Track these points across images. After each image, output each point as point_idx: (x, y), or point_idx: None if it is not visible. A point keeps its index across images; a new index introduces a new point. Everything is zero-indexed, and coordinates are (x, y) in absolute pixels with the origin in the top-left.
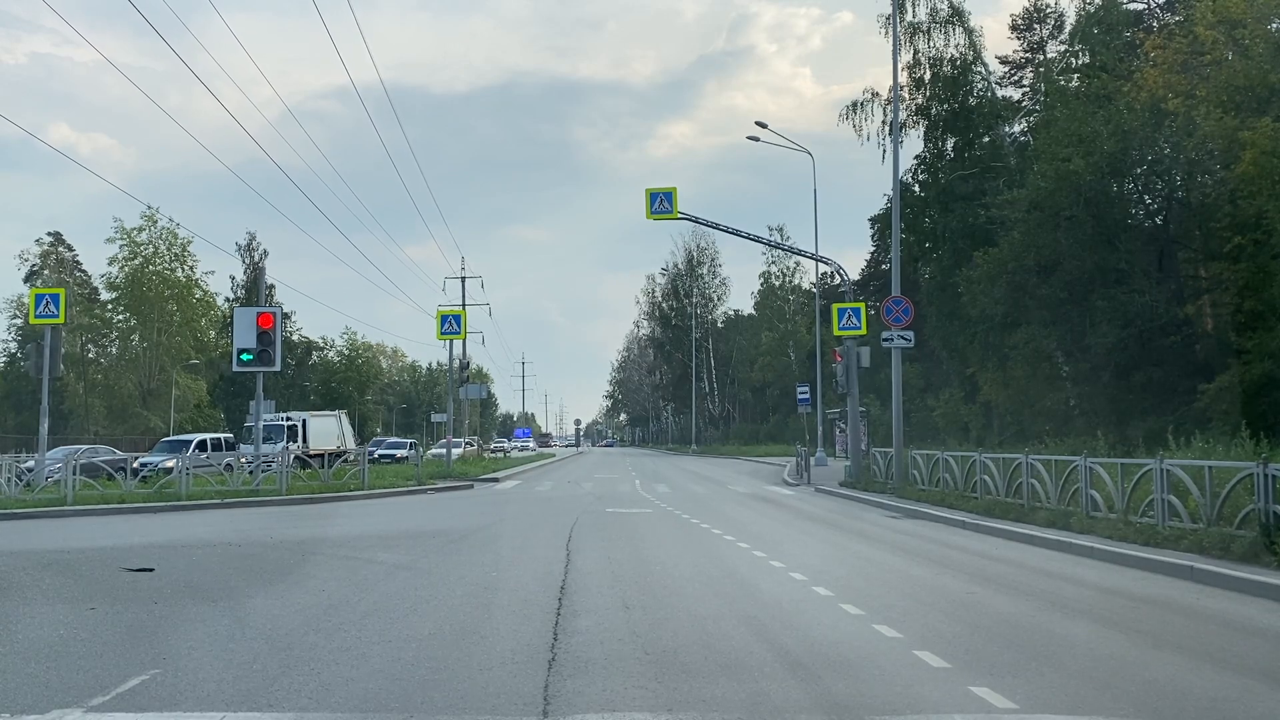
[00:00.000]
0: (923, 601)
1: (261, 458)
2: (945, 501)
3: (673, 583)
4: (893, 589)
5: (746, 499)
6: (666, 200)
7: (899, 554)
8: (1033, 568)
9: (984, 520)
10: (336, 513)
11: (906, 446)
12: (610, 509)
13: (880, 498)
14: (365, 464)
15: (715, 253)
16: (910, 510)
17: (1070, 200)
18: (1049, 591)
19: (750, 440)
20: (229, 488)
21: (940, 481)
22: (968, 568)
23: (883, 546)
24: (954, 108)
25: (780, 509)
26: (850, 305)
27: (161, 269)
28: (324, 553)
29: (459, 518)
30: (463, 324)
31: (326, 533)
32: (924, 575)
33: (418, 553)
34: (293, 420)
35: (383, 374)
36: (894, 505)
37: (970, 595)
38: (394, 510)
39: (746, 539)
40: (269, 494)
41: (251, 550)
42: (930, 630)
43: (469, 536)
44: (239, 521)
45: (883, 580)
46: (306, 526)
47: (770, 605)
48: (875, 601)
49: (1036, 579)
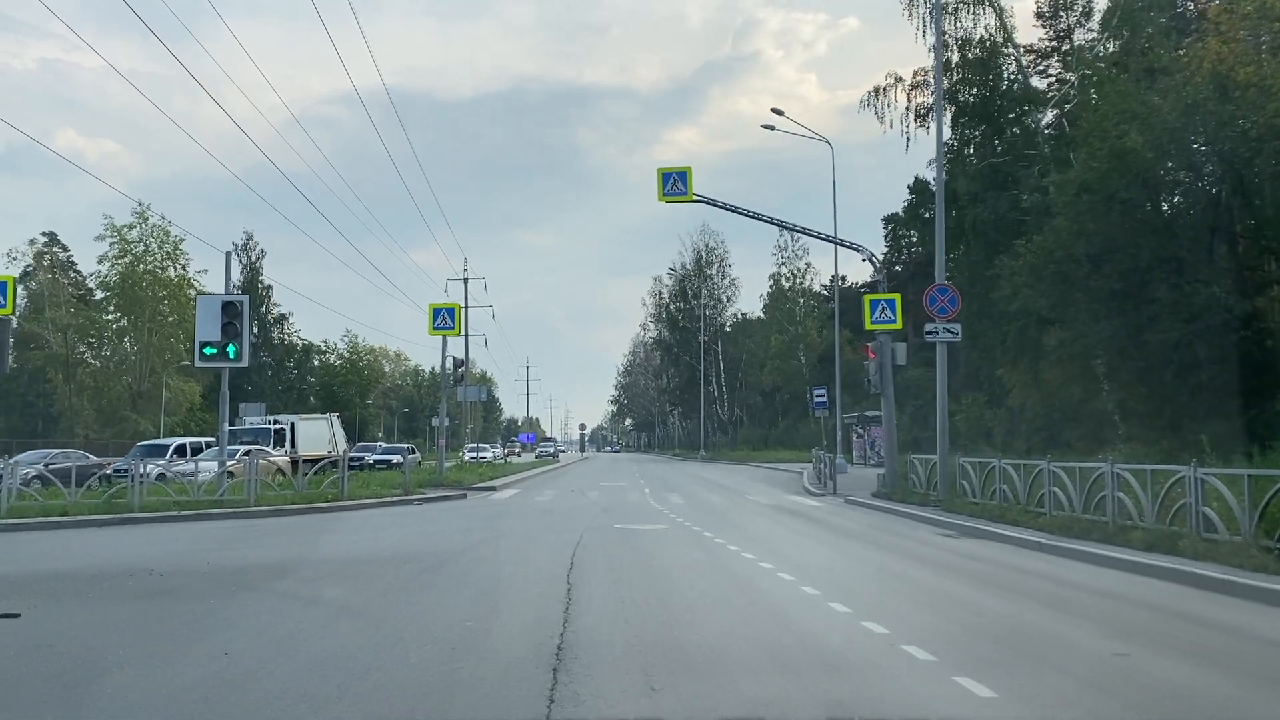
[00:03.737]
0: (1073, 675)
1: (226, 464)
2: (1005, 517)
3: (712, 641)
4: (1013, 648)
5: (771, 512)
6: (680, 181)
7: (989, 590)
8: (1174, 612)
9: (1062, 541)
10: (302, 529)
11: (924, 452)
12: (619, 524)
13: (923, 511)
14: (345, 472)
15: (724, 253)
16: (966, 527)
17: (1126, 182)
18: (1230, 653)
19: (759, 445)
20: (190, 498)
21: (996, 494)
22: (1091, 612)
23: (960, 578)
24: (983, 92)
25: (813, 525)
26: (884, 297)
27: (153, 268)
28: (259, 587)
29: (442, 536)
30: (457, 319)
31: (276, 555)
32: (1041, 624)
33: (377, 588)
34: (280, 424)
35: (385, 378)
36: (944, 521)
37: (1124, 661)
38: (369, 526)
39: (788, 567)
40: (235, 505)
41: (171, 583)
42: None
43: (448, 564)
44: (185, 539)
45: (991, 634)
46: (258, 547)
47: (853, 678)
48: (1005, 674)
49: (1193, 631)
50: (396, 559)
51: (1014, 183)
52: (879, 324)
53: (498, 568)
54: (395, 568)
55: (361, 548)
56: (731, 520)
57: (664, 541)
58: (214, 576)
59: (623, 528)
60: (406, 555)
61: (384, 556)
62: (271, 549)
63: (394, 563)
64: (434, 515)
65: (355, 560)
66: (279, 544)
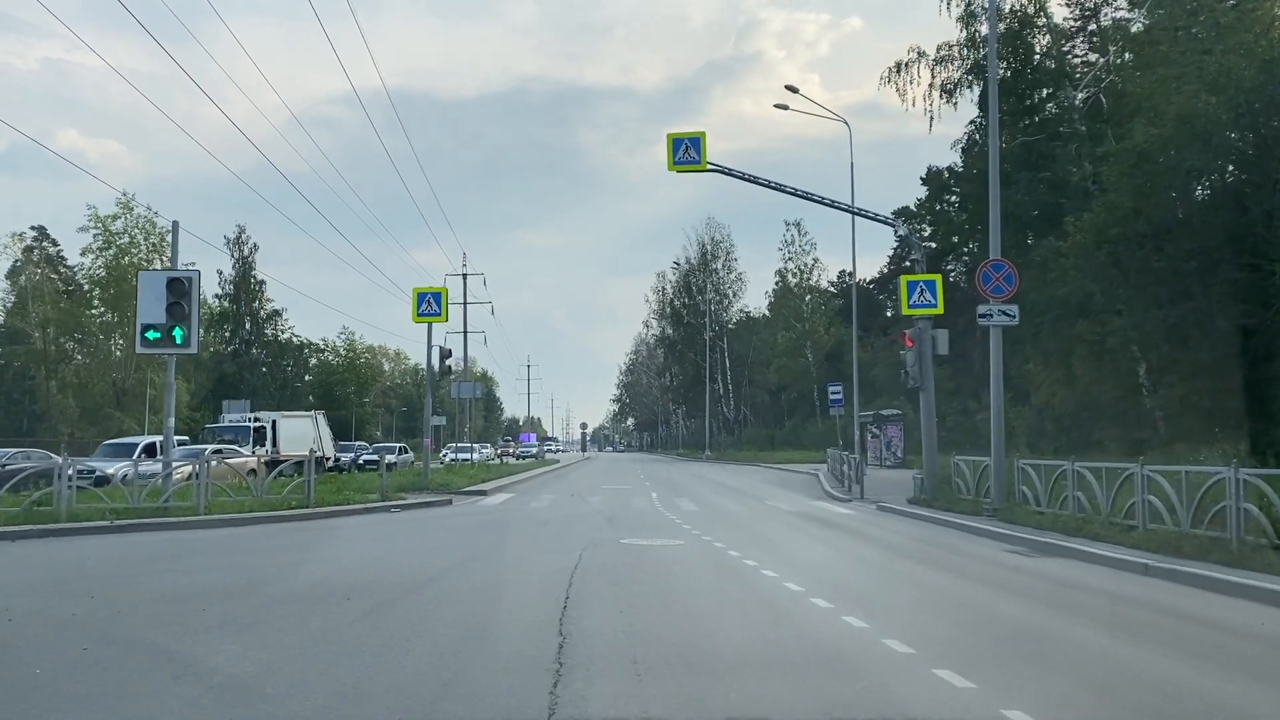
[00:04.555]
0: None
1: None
2: (1085, 531)
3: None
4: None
5: (798, 521)
6: (693, 148)
7: (1130, 639)
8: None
9: (1173, 562)
10: (246, 544)
11: (945, 454)
12: (625, 539)
13: (975, 521)
14: (311, 475)
15: (730, 246)
16: (1038, 543)
17: (1196, 151)
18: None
19: (764, 446)
20: (131, 505)
21: (1068, 502)
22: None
23: (1077, 618)
24: (1014, 66)
25: (855, 539)
26: (923, 278)
27: (138, 260)
28: (126, 640)
29: (408, 557)
30: (444, 304)
31: (186, 585)
32: (1239, 698)
33: (293, 642)
34: (261, 421)
35: (385, 376)
36: (1007, 534)
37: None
38: (327, 541)
39: (850, 605)
40: (181, 514)
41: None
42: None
43: (402, 601)
44: (95, 558)
45: None
46: (174, 571)
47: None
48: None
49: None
50: (340, 592)
51: (1049, 162)
52: (917, 308)
53: (467, 609)
54: (331, 608)
55: (304, 573)
56: (757, 533)
57: (684, 565)
58: (80, 622)
59: (631, 544)
60: (355, 586)
61: (325, 587)
62: (188, 575)
63: (334, 598)
64: (408, 527)
65: (285, 594)
66: (204, 566)
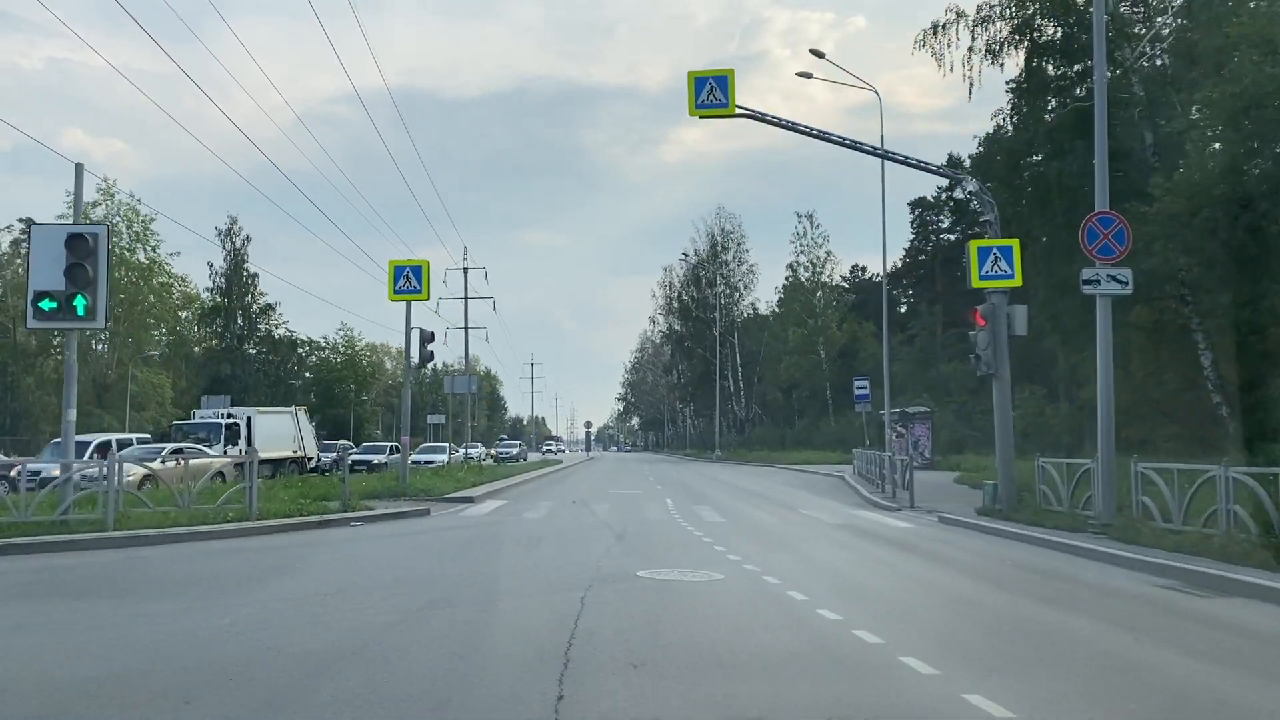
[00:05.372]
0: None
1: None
2: (1253, 558)
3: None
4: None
5: (853, 540)
6: (720, 88)
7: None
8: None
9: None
10: (131, 577)
11: (981, 455)
12: (644, 569)
13: (1083, 540)
14: (253, 481)
15: (742, 237)
16: (1191, 574)
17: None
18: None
19: (775, 445)
20: (14, 519)
21: (1219, 518)
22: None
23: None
24: (1064, 27)
25: (941, 567)
26: (997, 243)
27: (120, 251)
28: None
29: (335, 603)
30: (424, 280)
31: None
32: None
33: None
34: (235, 418)
35: (387, 375)
36: (1136, 559)
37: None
38: (241, 573)
39: (1017, 697)
40: (85, 530)
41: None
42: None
43: (281, 703)
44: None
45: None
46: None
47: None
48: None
49: None
50: (180, 688)
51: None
52: (991, 279)
53: None
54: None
55: (145, 639)
56: (810, 559)
57: (733, 617)
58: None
59: (652, 578)
60: (217, 668)
61: (165, 674)
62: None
63: (162, 703)
64: (363, 550)
65: (72, 694)
66: (25, 619)
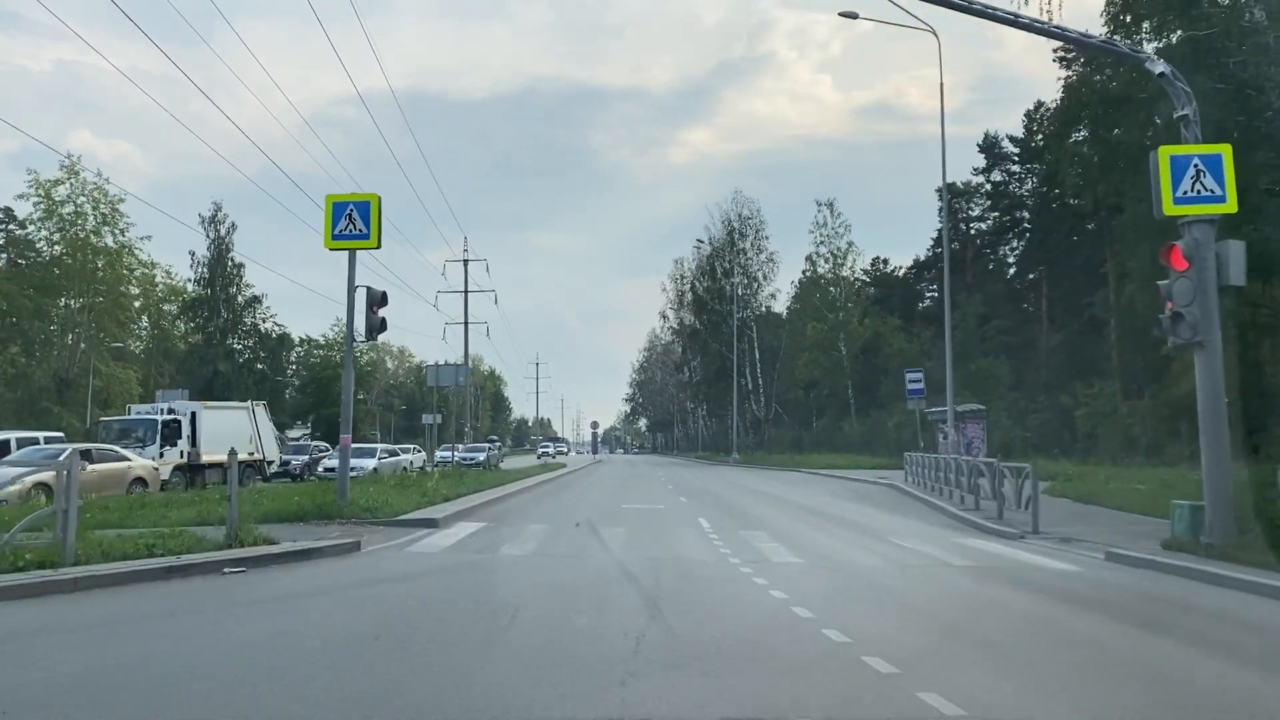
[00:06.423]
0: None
1: None
2: None
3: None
4: None
5: (1021, 597)
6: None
7: None
8: None
9: None
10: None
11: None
12: (726, 713)
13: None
14: (72, 506)
15: (760, 224)
16: None
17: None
18: None
19: (792, 448)
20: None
21: None
22: None
23: None
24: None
25: (1242, 668)
26: (1199, 151)
27: (86, 234)
28: None
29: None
30: (374, 221)
31: None
32: None
33: None
34: (176, 413)
35: (387, 374)
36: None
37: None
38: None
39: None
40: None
41: None
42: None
43: None
44: None
45: None
46: None
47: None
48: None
49: None
50: None
51: (1225, 65)
52: (1190, 203)
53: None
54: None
55: None
56: (1008, 658)
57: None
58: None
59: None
60: None
61: None
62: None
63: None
64: (179, 644)
65: None
66: None
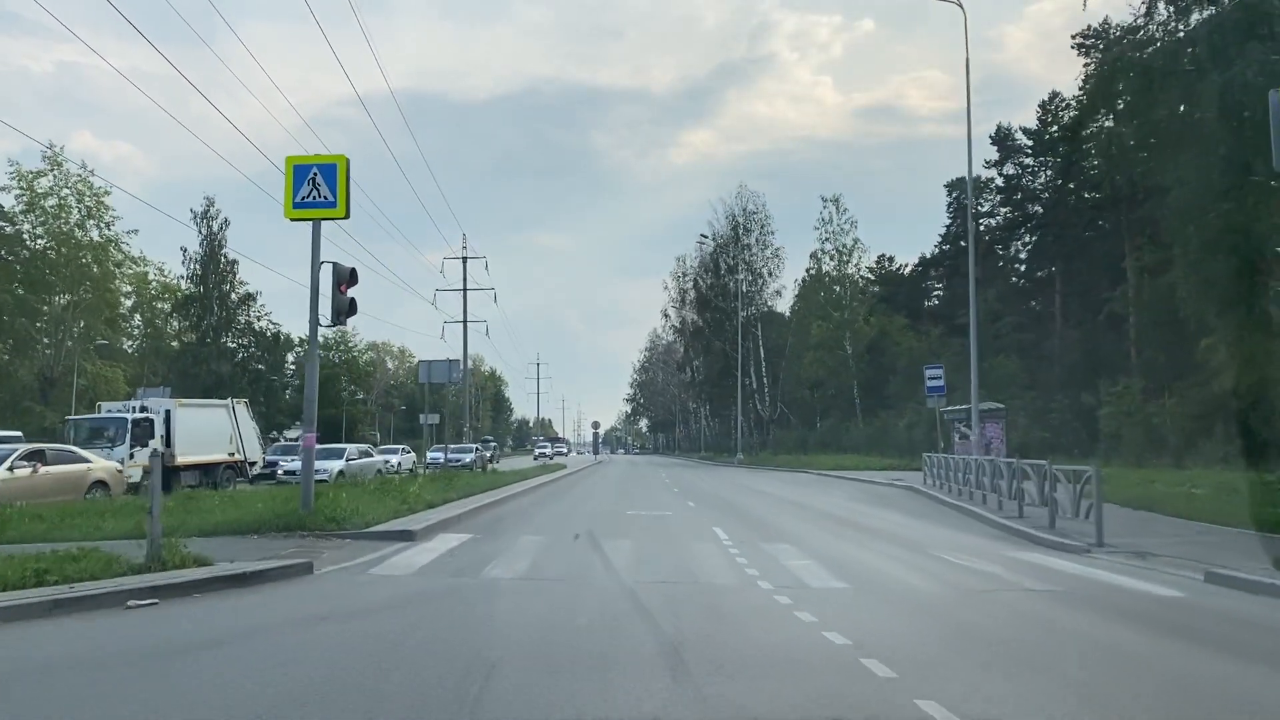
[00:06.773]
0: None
1: None
2: None
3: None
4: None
5: (1145, 640)
6: None
7: None
8: None
9: None
10: None
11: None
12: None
13: None
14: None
15: (766, 218)
16: None
17: None
18: None
19: (797, 448)
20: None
21: None
22: None
23: None
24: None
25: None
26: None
27: (70, 228)
28: None
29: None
30: (340, 187)
31: None
32: None
33: None
34: (148, 412)
35: (387, 374)
36: None
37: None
38: None
39: None
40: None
41: None
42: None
43: None
44: None
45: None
46: None
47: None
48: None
49: None
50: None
51: None
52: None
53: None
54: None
55: None
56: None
57: None
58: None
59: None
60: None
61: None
62: None
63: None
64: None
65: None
66: None
